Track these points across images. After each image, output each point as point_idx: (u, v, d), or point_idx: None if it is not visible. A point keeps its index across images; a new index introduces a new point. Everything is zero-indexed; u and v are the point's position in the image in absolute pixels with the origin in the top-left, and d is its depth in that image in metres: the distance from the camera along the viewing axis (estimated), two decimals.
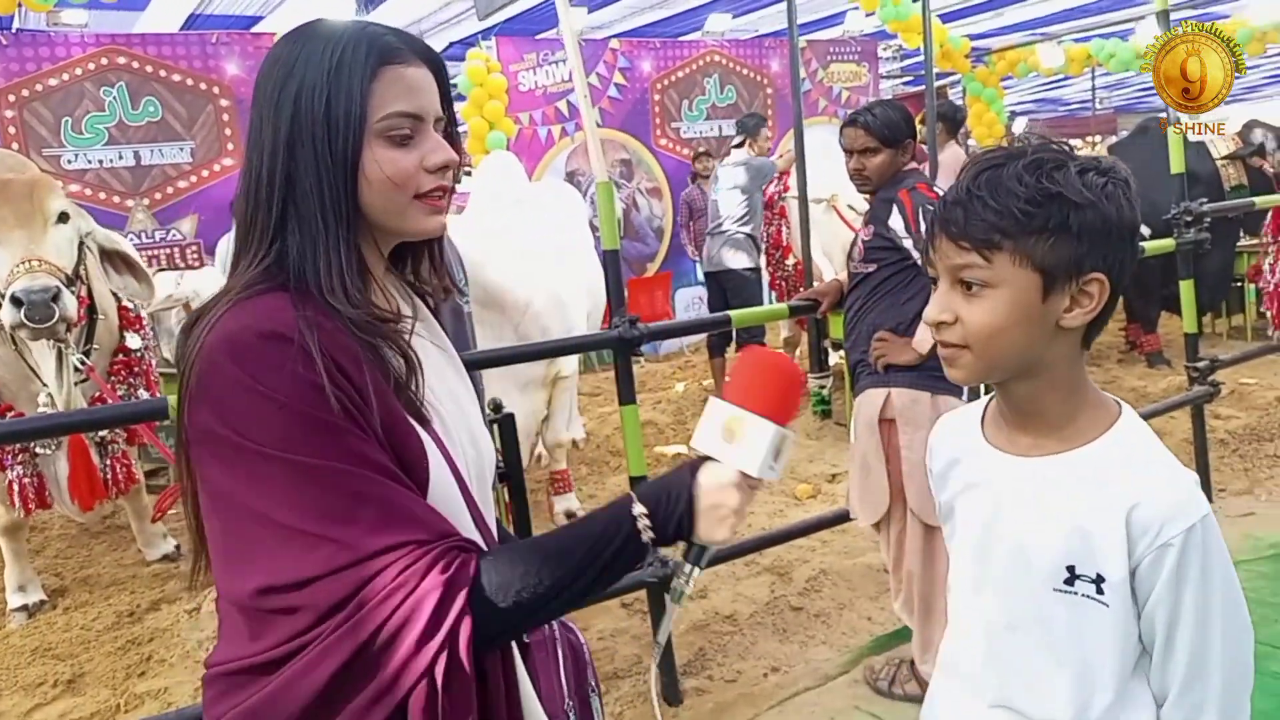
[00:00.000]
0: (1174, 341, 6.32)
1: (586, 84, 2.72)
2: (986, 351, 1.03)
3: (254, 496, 0.91)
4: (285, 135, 0.98)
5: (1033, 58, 10.40)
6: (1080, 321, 1.03)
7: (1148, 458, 1.04)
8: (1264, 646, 2.78)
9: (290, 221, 0.98)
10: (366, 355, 0.96)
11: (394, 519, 0.92)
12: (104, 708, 2.99)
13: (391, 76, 0.99)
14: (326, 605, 0.90)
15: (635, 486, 2.65)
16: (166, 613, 3.64)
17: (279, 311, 0.94)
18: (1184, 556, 0.98)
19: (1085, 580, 1.02)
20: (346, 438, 0.92)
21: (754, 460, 0.99)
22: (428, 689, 0.89)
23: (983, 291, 1.02)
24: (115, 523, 4.73)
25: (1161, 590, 0.99)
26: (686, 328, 4.86)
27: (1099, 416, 1.07)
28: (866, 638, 3.07)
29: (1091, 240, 1.00)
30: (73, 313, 3.27)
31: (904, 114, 2.73)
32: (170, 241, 6.65)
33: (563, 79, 8.09)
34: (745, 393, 1.01)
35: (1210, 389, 3.94)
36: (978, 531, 1.13)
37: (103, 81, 6.40)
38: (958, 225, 1.02)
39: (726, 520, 0.99)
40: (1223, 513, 3.84)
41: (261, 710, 0.92)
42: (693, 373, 7.50)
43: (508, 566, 0.96)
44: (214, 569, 0.98)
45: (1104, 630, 1.02)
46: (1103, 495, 1.01)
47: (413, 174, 1.00)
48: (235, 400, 0.91)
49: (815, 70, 9.36)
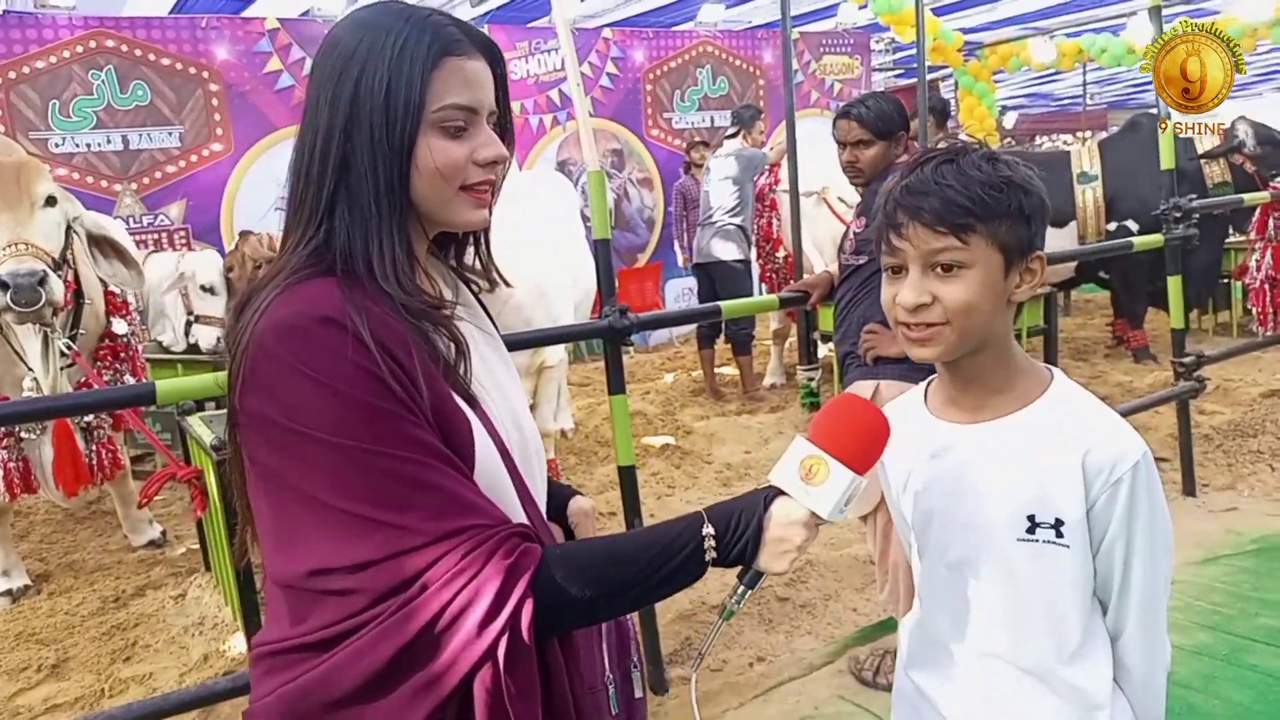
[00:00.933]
0: (1160, 337, 6.36)
1: (579, 73, 2.71)
2: (964, 327, 1.13)
3: (309, 481, 0.92)
4: (344, 118, 0.99)
5: (1025, 52, 10.41)
6: (1027, 295, 1.17)
7: (1090, 409, 1.16)
8: (1243, 639, 2.81)
9: (340, 204, 1.00)
10: (414, 339, 0.98)
11: (454, 505, 0.94)
12: (88, 692, 2.98)
13: (452, 67, 1.01)
14: (384, 588, 0.91)
15: (624, 476, 2.69)
16: (152, 598, 3.63)
17: (329, 296, 0.95)
18: (1134, 491, 1.10)
19: (1045, 527, 1.12)
20: (402, 423, 0.93)
21: (828, 504, 1.01)
22: (492, 671, 0.90)
23: (960, 272, 1.12)
24: (101, 508, 4.72)
25: (1117, 526, 1.11)
26: (677, 318, 4.86)
27: (1034, 380, 1.19)
28: (851, 628, 3.09)
29: (1037, 222, 1.14)
30: (59, 297, 3.25)
31: (897, 106, 2.74)
32: (158, 226, 6.62)
33: (554, 67, 8.06)
34: (831, 436, 1.03)
35: (1196, 384, 3.96)
36: (940, 499, 1.21)
37: (91, 64, 6.35)
38: (933, 212, 1.11)
39: (789, 555, 1.02)
40: (1206, 507, 3.87)
41: (313, 688, 0.93)
42: (682, 364, 7.51)
43: (574, 561, 0.98)
44: (263, 552, 0.99)
45: (1066, 571, 1.13)
46: (1057, 444, 1.12)
47: (462, 166, 1.02)
48: (289, 386, 0.92)
49: (808, 62, 9.36)
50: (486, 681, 0.91)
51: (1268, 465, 4.25)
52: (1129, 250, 4.00)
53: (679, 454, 5.06)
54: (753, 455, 4.97)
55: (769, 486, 1.05)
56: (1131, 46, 9.68)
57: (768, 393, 6.30)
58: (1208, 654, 2.74)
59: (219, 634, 3.26)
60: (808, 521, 1.01)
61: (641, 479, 2.81)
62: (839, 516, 1.02)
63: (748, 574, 1.05)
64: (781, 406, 5.97)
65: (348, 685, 0.92)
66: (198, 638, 3.27)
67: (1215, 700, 2.52)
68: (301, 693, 0.94)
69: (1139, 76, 11.95)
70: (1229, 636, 2.84)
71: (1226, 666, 2.68)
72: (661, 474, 4.74)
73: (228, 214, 6.85)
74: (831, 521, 1.03)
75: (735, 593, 1.06)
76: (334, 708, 0.93)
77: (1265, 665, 2.66)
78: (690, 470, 4.82)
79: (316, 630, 0.94)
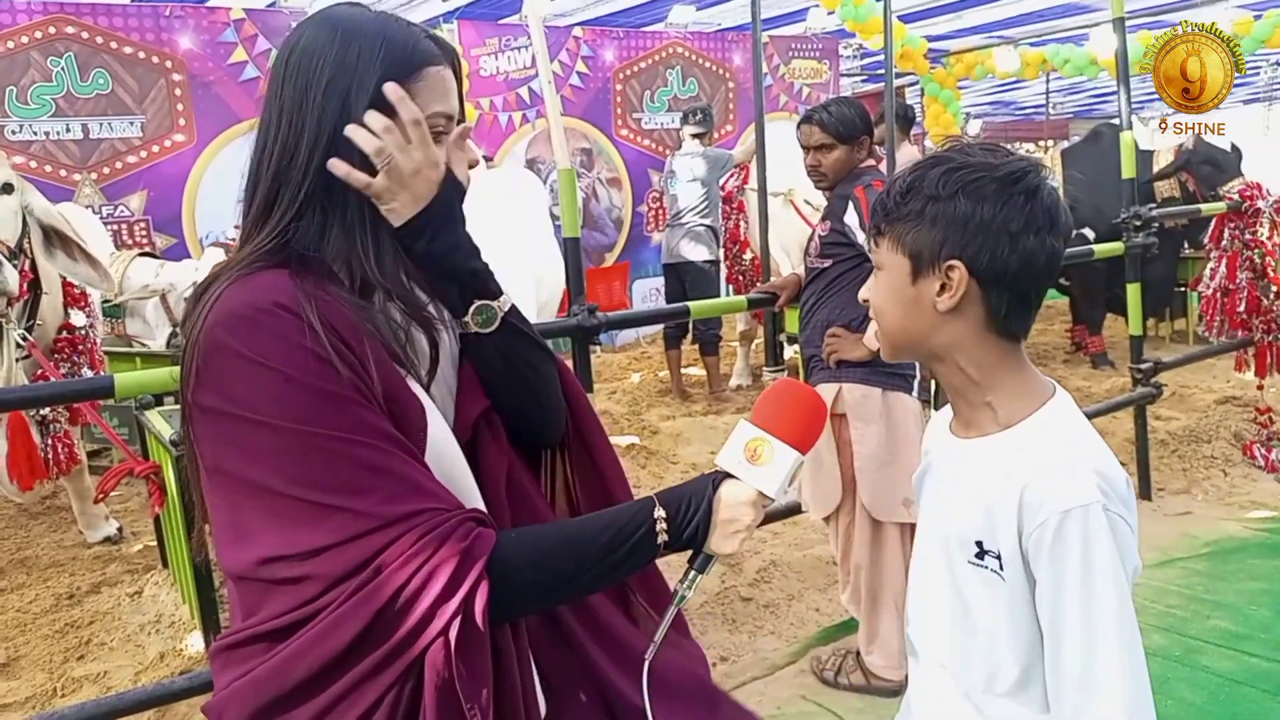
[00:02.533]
0: (1118, 344, 6.47)
1: (551, 70, 2.70)
2: (884, 326, 1.16)
3: (259, 469, 0.92)
4: (331, 125, 1.01)
5: (989, 61, 10.54)
6: (948, 305, 1.09)
7: (1057, 442, 1.09)
8: (1196, 641, 2.87)
9: (315, 205, 1.01)
10: (365, 326, 0.98)
11: (407, 489, 0.94)
12: (39, 692, 2.92)
13: (432, 77, 1.05)
14: (339, 573, 0.91)
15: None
16: (107, 595, 3.56)
17: (278, 285, 0.96)
18: (1059, 536, 1.01)
19: (991, 555, 1.09)
20: (353, 407, 0.93)
21: (774, 483, 1.05)
22: (444, 650, 0.90)
23: (879, 274, 1.16)
24: (55, 503, 4.62)
25: (1043, 571, 1.03)
26: (645, 318, 4.87)
27: (1021, 403, 1.12)
28: (814, 629, 3.11)
29: (947, 229, 1.08)
30: (13, 286, 3.19)
31: (860, 111, 2.76)
32: (118, 218, 6.50)
33: (525, 65, 8.03)
34: (773, 419, 1.07)
35: (1153, 390, 4.04)
36: (928, 510, 1.23)
37: (50, 51, 6.22)
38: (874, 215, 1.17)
39: (738, 535, 1.05)
40: (1161, 511, 3.95)
41: (269, 677, 0.93)
42: (649, 364, 7.52)
43: (528, 545, 1.00)
44: (218, 547, 0.98)
45: (1002, 603, 1.09)
46: (1006, 474, 1.08)
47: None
48: (237, 374, 0.92)
49: (777, 66, 9.40)
50: (438, 663, 0.90)
51: (1221, 470, 4.35)
52: (1090, 257, 4.06)
53: (645, 454, 5.07)
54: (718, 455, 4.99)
55: (716, 470, 1.08)
56: (1094, 58, 9.84)
57: (734, 394, 6.32)
58: (1161, 655, 2.79)
59: (176, 632, 3.21)
60: (755, 501, 1.05)
61: None
62: (784, 495, 1.07)
63: (698, 558, 1.07)
64: (748, 407, 5.97)
65: (304, 672, 0.91)
66: (154, 636, 3.22)
67: (1169, 701, 2.56)
68: (257, 683, 0.94)
69: (1101, 86, 12.15)
70: (1182, 638, 2.89)
71: (1180, 668, 2.73)
72: (627, 473, 4.73)
73: (189, 206, 6.74)
74: (776, 500, 1.07)
75: (686, 577, 1.08)
76: (289, 697, 0.92)
77: (1217, 666, 2.72)
78: (656, 470, 4.83)
79: (270, 619, 0.93)
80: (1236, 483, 4.25)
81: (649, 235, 8.83)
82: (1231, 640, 2.86)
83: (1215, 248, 4.58)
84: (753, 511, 1.05)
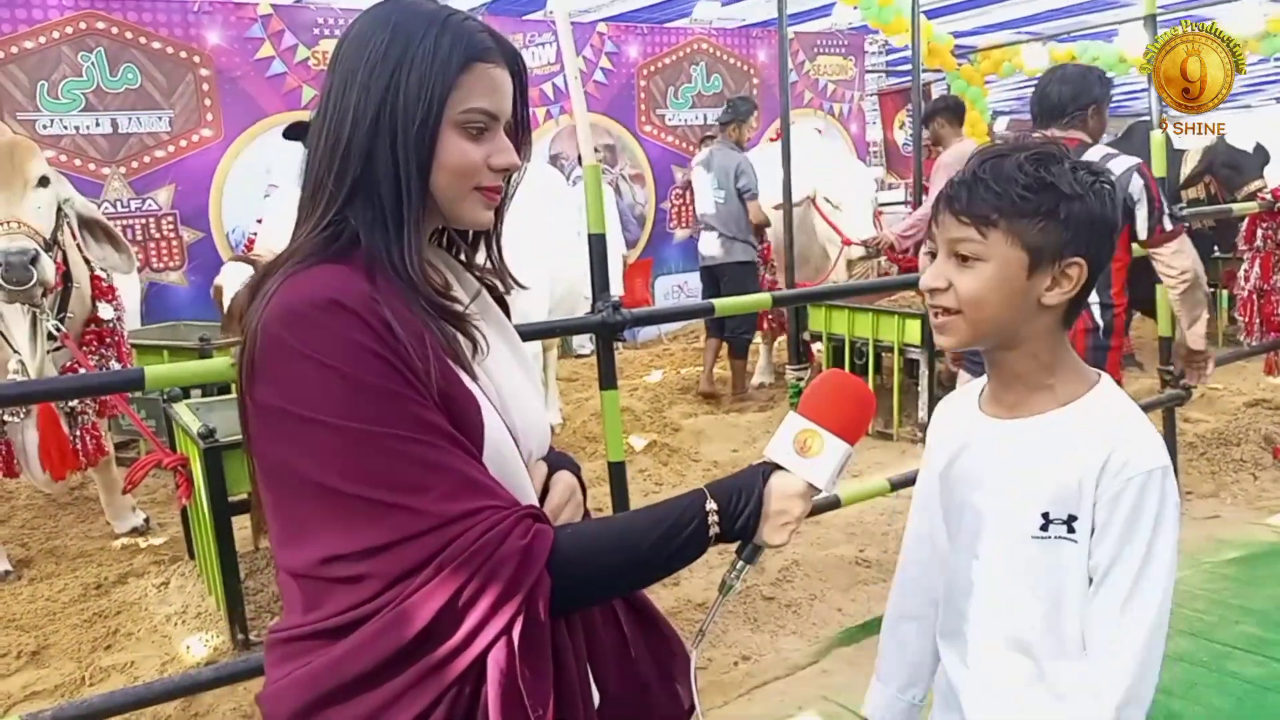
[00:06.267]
0: (1146, 345, 6.40)
1: (577, 66, 2.70)
2: (975, 318, 1.16)
3: (317, 467, 0.92)
4: (374, 111, 1.01)
5: (1017, 57, 10.43)
6: (1058, 300, 1.15)
7: (1127, 411, 1.18)
8: (1224, 646, 2.83)
9: (360, 194, 1.01)
10: (423, 322, 0.99)
11: (465, 487, 0.94)
12: (68, 680, 2.96)
13: (479, 73, 1.04)
14: (398, 572, 0.91)
15: (613, 472, 2.69)
16: (134, 586, 3.60)
17: (335, 280, 0.96)
18: (1143, 493, 1.10)
19: (1058, 523, 1.14)
20: (410, 405, 0.93)
21: (824, 474, 1.05)
22: (507, 649, 0.91)
23: (975, 264, 1.15)
24: (83, 494, 4.68)
25: (1115, 526, 1.11)
26: (669, 315, 4.85)
27: (1079, 384, 1.20)
28: (836, 628, 3.09)
29: (1076, 229, 1.13)
30: (50, 276, 3.23)
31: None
32: (146, 211, 6.56)
33: (548, 61, 8.04)
34: (822, 411, 1.08)
35: (1182, 393, 3.99)
36: (971, 491, 1.23)
37: (81, 46, 6.28)
38: (960, 203, 1.15)
39: (789, 527, 1.05)
40: (1189, 515, 3.90)
41: (327, 672, 0.93)
42: (670, 361, 7.51)
43: (584, 541, 1.01)
44: (273, 543, 0.99)
45: (1073, 564, 1.14)
46: (1084, 442, 1.13)
47: (479, 167, 1.05)
48: (294, 371, 0.92)
49: (802, 62, 9.36)
50: (501, 662, 0.91)
51: (1250, 474, 4.29)
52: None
53: (666, 451, 5.07)
54: (740, 454, 4.98)
55: (764, 462, 1.08)
56: (1123, 55, 9.71)
57: (756, 391, 6.30)
58: (1189, 660, 2.76)
59: (202, 623, 3.24)
60: (805, 493, 1.05)
61: (629, 476, 2.80)
62: (834, 488, 1.07)
63: (746, 549, 1.07)
64: (770, 406, 5.97)
65: (362, 667, 0.92)
66: (180, 627, 3.25)
67: (1196, 706, 2.54)
68: (315, 677, 0.94)
69: (1132, 83, 12.00)
70: (1210, 643, 2.86)
71: (1207, 673, 2.70)
72: (649, 471, 4.74)
73: (216, 200, 6.79)
74: (826, 492, 1.07)
75: (735, 568, 1.09)
76: (346, 690, 0.93)
77: (1245, 672, 2.69)
78: (677, 468, 4.82)
79: (330, 617, 0.94)
80: (1266, 486, 4.19)
81: (672, 232, 8.82)
82: (1260, 646, 2.82)
83: (1249, 248, 4.52)
84: (803, 503, 1.05)
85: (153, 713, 2.64)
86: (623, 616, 1.13)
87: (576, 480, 1.20)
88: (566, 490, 1.17)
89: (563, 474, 1.19)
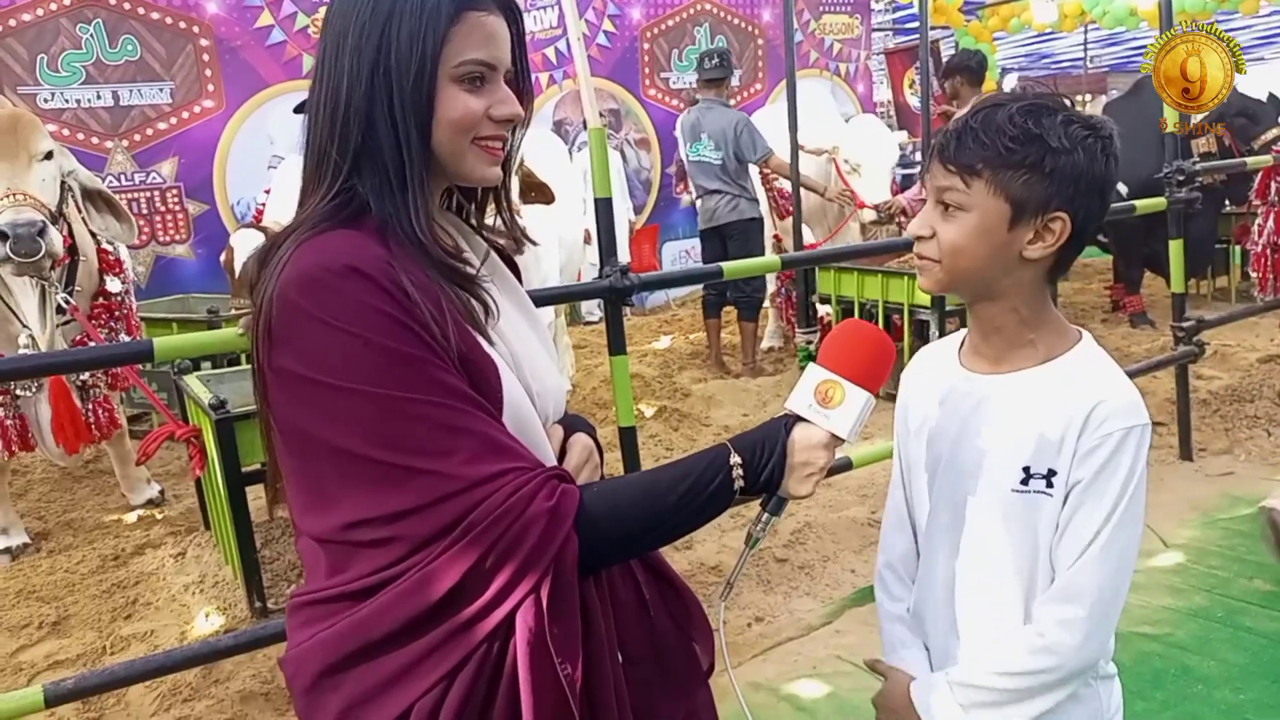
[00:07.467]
0: (1157, 303, 6.36)
1: (580, 29, 2.66)
2: (952, 266, 1.16)
3: (340, 433, 0.92)
4: (368, 72, 0.99)
5: (1026, 13, 10.29)
6: (1040, 254, 1.14)
7: (1108, 369, 1.18)
8: (1239, 602, 2.84)
9: (365, 161, 1.00)
10: (439, 285, 0.98)
11: (490, 449, 0.94)
12: (90, 649, 2.99)
13: (473, 22, 1.01)
14: (425, 534, 0.92)
15: (624, 438, 2.69)
16: (151, 557, 3.63)
17: (350, 246, 0.95)
18: (1120, 449, 1.11)
19: (1037, 478, 1.15)
20: (431, 368, 0.93)
21: (846, 424, 1.05)
22: (534, 608, 0.91)
23: (958, 213, 1.14)
24: (98, 467, 4.71)
25: (1092, 476, 1.11)
26: (678, 279, 4.81)
27: (1060, 340, 1.20)
28: (849, 590, 3.11)
29: (1061, 183, 1.11)
30: (58, 248, 3.22)
31: None
32: (150, 184, 6.54)
33: (550, 25, 7.95)
34: (842, 360, 1.08)
35: (1195, 349, 3.96)
36: (949, 445, 1.23)
37: (79, 18, 6.23)
38: (949, 152, 1.14)
39: (813, 478, 1.06)
40: (1203, 472, 3.89)
41: (352, 632, 0.94)
42: (679, 326, 7.49)
43: (611, 499, 1.00)
44: (294, 510, 0.99)
45: (1049, 518, 1.15)
46: (1067, 397, 1.14)
47: (478, 118, 1.03)
48: (314, 338, 0.92)
49: (807, 21, 9.24)
50: (530, 621, 0.92)
51: (1264, 430, 4.27)
52: (1131, 214, 3.97)
53: (677, 416, 5.06)
54: (750, 418, 4.98)
55: (786, 414, 1.08)
56: (1134, 9, 9.57)
57: (765, 354, 6.28)
58: (1203, 616, 2.76)
59: (219, 592, 3.27)
60: (828, 444, 1.06)
61: (639, 441, 2.80)
62: (855, 437, 1.07)
63: (771, 500, 1.08)
64: (780, 370, 5.96)
65: (388, 629, 0.93)
66: (198, 596, 3.28)
67: (1211, 661, 2.54)
68: (339, 637, 0.95)
69: (1140, 38, 11.84)
70: (1225, 599, 2.86)
71: (1222, 628, 2.70)
72: (659, 436, 4.74)
73: (220, 171, 6.77)
74: (848, 441, 1.07)
75: (760, 520, 1.10)
76: (371, 650, 0.94)
77: (1260, 627, 2.69)
78: (688, 433, 4.82)
79: (357, 579, 0.94)
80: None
81: (678, 197, 8.76)
82: (1274, 601, 2.82)
83: (1263, 203, 4.47)
84: (826, 454, 1.05)
85: (173, 680, 2.68)
86: (641, 578, 1.13)
87: (593, 442, 1.20)
88: (584, 451, 1.17)
89: (580, 436, 1.19)
